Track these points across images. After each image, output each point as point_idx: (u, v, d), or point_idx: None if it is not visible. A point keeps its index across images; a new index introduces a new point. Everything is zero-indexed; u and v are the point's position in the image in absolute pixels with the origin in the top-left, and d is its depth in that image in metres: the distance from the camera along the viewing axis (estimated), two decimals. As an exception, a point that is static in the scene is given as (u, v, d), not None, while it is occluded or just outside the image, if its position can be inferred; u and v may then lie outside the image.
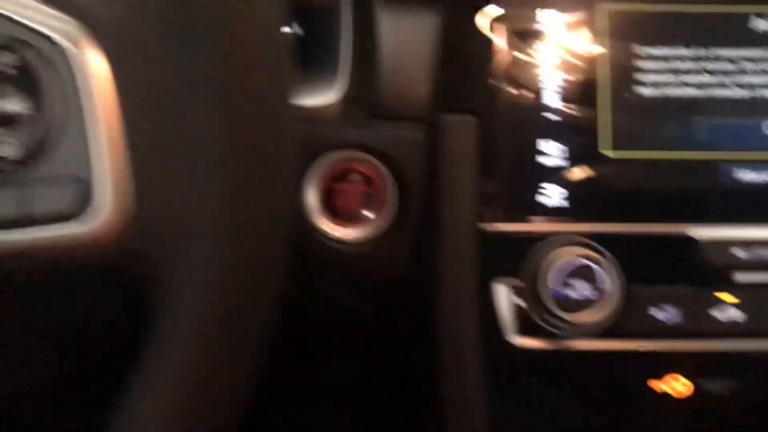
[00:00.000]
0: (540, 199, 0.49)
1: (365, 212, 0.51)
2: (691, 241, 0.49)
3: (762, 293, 0.49)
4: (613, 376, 0.51)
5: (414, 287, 0.51)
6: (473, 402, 0.48)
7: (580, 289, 0.47)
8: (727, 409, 0.53)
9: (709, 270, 0.49)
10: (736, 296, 0.49)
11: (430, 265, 0.49)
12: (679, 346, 0.49)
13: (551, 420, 0.52)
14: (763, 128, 0.50)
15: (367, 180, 0.51)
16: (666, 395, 0.52)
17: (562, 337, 0.49)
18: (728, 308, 0.49)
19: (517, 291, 0.49)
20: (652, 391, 0.51)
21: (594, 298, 0.47)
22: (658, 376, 0.51)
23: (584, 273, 0.47)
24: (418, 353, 0.55)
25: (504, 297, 0.49)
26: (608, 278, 0.47)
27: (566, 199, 0.49)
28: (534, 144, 0.49)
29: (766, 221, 0.49)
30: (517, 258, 0.49)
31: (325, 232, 0.50)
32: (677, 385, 0.52)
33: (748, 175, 0.50)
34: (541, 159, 0.49)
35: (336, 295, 0.56)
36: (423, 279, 0.50)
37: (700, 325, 0.49)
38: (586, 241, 0.48)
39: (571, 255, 0.47)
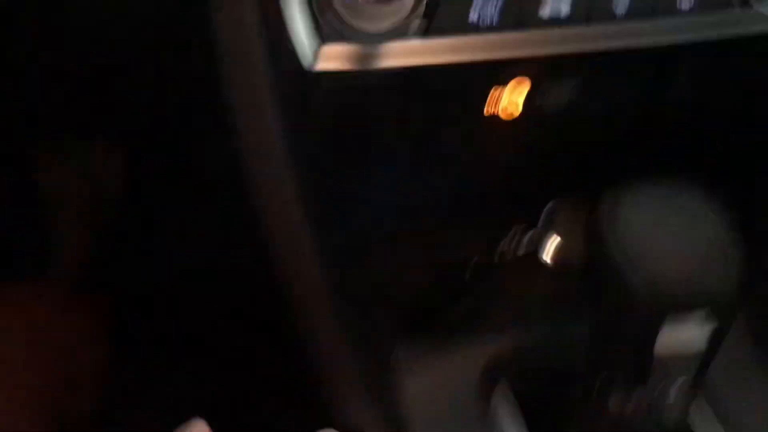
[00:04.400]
0: None
1: None
2: None
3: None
4: (428, 95, 0.44)
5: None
6: (270, 134, 0.40)
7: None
8: (557, 126, 0.48)
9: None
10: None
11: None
12: (504, 53, 0.43)
13: (360, 149, 0.45)
14: None
15: None
16: (494, 117, 0.46)
17: (369, 57, 0.41)
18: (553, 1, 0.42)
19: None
20: (475, 113, 0.45)
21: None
22: (482, 92, 0.45)
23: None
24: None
25: (294, 10, 0.40)
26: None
27: None
28: None
29: None
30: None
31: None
32: (504, 104, 0.46)
33: None
34: None
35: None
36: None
37: (522, 22, 0.42)
38: None
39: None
